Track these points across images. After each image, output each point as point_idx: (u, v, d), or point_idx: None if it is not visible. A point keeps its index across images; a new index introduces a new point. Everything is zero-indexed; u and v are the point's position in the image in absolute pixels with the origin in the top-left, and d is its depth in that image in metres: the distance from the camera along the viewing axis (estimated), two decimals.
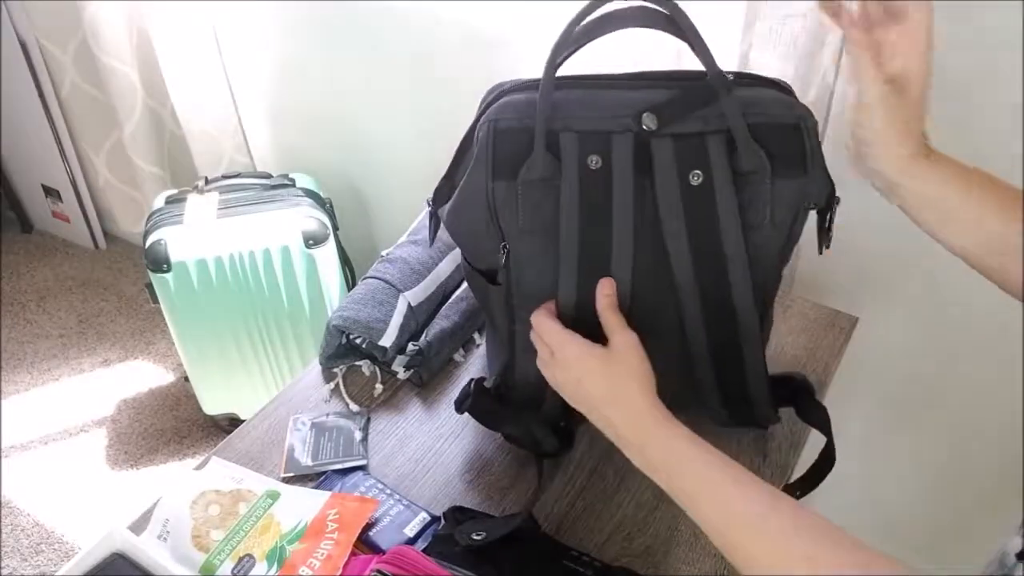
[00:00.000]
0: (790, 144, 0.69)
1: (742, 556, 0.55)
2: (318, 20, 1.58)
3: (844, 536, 0.52)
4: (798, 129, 0.69)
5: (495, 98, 0.72)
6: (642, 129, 0.68)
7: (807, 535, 0.53)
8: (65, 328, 2.16)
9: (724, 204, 0.69)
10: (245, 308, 1.58)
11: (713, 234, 0.70)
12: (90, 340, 2.13)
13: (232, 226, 1.53)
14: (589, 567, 0.74)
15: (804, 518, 0.54)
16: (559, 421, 0.82)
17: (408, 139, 1.60)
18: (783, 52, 1.07)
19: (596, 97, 0.70)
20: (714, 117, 0.69)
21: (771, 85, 0.73)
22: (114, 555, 0.72)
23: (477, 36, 1.37)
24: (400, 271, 1.00)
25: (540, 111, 0.68)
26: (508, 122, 0.69)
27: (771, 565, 0.53)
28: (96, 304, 2.24)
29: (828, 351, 0.98)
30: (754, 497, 0.56)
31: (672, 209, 0.70)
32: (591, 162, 0.69)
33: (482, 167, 0.69)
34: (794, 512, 0.54)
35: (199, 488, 0.81)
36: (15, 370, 2.05)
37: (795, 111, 0.70)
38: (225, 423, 1.81)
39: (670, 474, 0.61)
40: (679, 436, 0.62)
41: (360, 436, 0.89)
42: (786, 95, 0.72)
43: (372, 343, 0.94)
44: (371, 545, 0.77)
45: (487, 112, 0.70)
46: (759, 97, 0.70)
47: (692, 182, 0.69)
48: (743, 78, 0.72)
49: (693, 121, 0.69)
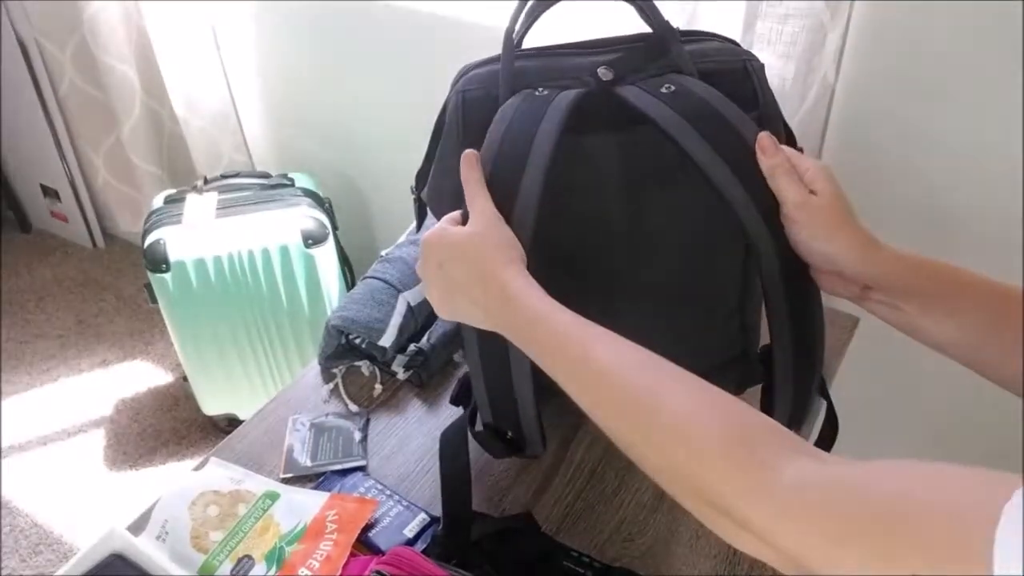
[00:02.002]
0: (740, 85, 0.73)
1: (611, 419, 0.53)
2: (317, 19, 1.58)
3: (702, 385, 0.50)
4: (746, 71, 0.73)
5: (462, 75, 0.75)
6: (600, 81, 0.70)
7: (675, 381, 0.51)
8: (64, 328, 2.16)
9: (707, 91, 0.68)
10: (244, 308, 1.58)
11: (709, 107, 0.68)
12: (89, 340, 2.13)
13: (231, 226, 1.53)
14: (589, 568, 0.74)
15: (671, 369, 0.51)
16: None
17: (408, 139, 1.59)
18: (783, 52, 1.07)
19: (555, 63, 0.74)
20: (666, 67, 0.71)
21: (714, 38, 0.77)
22: (113, 556, 0.72)
23: (478, 36, 1.37)
24: (399, 271, 1.00)
25: (503, 78, 0.71)
26: (475, 92, 0.72)
27: (626, 416, 0.51)
28: (95, 304, 2.24)
29: (828, 351, 0.97)
30: (621, 352, 0.53)
31: (652, 106, 0.67)
32: (538, 91, 0.69)
33: (454, 135, 0.72)
34: (660, 363, 0.52)
35: (198, 489, 0.81)
36: (14, 370, 2.04)
37: (740, 56, 0.74)
38: (224, 423, 1.81)
39: (540, 346, 0.57)
40: (548, 305, 0.57)
41: (359, 437, 0.89)
42: (730, 44, 0.76)
43: (371, 343, 0.94)
44: (370, 546, 0.76)
45: (456, 85, 0.73)
46: (705, 48, 0.74)
47: (665, 91, 0.68)
48: (688, 35, 0.76)
49: (648, 72, 0.71)
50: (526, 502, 0.82)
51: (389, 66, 1.54)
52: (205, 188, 1.61)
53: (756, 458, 0.45)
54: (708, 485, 0.46)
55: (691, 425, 0.48)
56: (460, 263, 0.62)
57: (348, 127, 1.72)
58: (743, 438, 0.46)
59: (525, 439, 0.76)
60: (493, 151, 0.66)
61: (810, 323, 0.70)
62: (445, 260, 0.63)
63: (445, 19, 1.40)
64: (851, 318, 1.02)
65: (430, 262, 0.64)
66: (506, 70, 0.71)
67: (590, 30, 0.80)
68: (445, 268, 0.63)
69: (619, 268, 0.75)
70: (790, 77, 1.08)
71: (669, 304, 0.77)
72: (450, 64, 0.77)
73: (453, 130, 0.72)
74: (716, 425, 0.47)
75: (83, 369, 2.05)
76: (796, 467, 0.43)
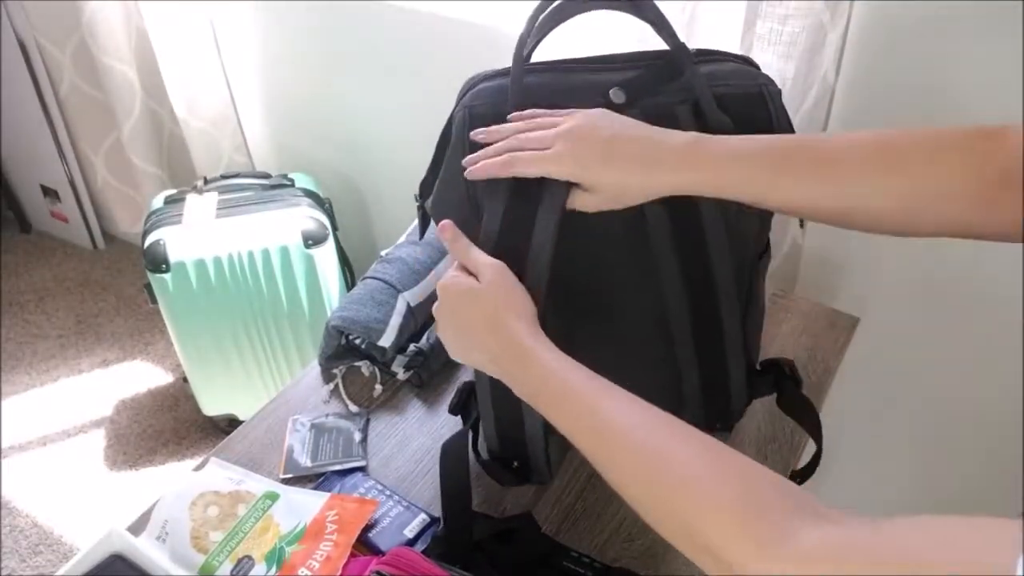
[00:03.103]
0: (755, 110, 0.71)
1: (616, 473, 0.54)
2: (318, 20, 1.58)
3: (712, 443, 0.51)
4: (761, 96, 0.72)
5: (469, 87, 0.74)
6: (611, 104, 0.70)
7: (675, 438, 0.51)
8: (64, 328, 2.16)
9: None
10: (244, 308, 1.58)
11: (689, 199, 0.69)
12: (89, 341, 2.13)
13: (231, 226, 1.53)
14: (589, 568, 0.74)
15: (680, 427, 0.52)
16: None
17: (408, 139, 1.59)
18: (783, 52, 1.07)
19: (565, 80, 0.73)
20: (680, 90, 0.71)
21: (733, 59, 0.75)
22: (113, 556, 0.72)
23: (478, 36, 1.37)
24: (399, 271, 1.00)
25: (512, 95, 0.70)
26: (483, 107, 0.71)
27: (634, 473, 0.52)
28: (95, 304, 2.24)
29: (828, 351, 0.98)
30: (632, 409, 0.54)
31: None
32: None
33: (460, 150, 0.71)
34: (670, 420, 0.53)
35: (198, 489, 0.81)
36: (14, 371, 2.04)
37: (757, 80, 0.72)
38: (224, 424, 1.81)
39: (548, 399, 0.59)
40: (560, 361, 0.59)
41: (359, 437, 0.89)
42: (748, 66, 0.74)
43: (371, 343, 0.94)
44: (370, 546, 0.76)
45: (463, 99, 0.73)
46: (721, 70, 0.73)
47: None
48: (705, 54, 0.74)
49: (661, 95, 0.71)
50: (526, 503, 0.82)
51: (390, 66, 1.54)
52: (205, 188, 1.61)
53: (768, 522, 0.44)
54: (719, 547, 0.46)
55: (702, 486, 0.48)
56: (473, 311, 0.63)
57: (348, 127, 1.72)
58: (755, 501, 0.46)
59: (532, 470, 0.76)
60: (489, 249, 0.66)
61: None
62: (458, 307, 0.65)
63: (446, 20, 1.40)
64: (851, 318, 1.02)
65: (444, 306, 0.66)
66: (516, 86, 0.70)
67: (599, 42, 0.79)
68: (459, 315, 0.65)
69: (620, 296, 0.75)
70: (790, 77, 1.08)
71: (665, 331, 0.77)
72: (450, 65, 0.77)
73: (459, 146, 0.72)
74: (728, 488, 0.47)
75: (83, 369, 2.05)
76: (808, 531, 0.43)
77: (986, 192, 0.56)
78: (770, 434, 0.88)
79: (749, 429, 0.88)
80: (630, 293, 0.74)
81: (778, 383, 0.81)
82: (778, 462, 0.85)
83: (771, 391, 0.82)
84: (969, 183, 0.57)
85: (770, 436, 0.87)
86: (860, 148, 0.61)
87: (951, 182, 0.57)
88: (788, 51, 1.07)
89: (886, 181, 0.59)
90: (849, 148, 0.61)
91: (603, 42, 1.06)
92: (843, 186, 0.61)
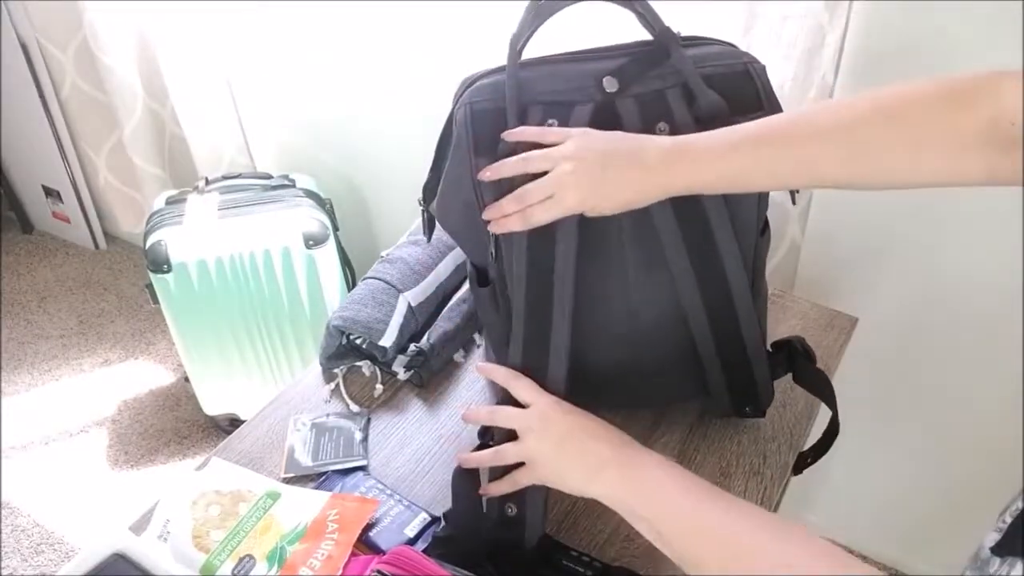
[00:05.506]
0: (743, 88, 0.73)
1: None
2: (318, 20, 1.58)
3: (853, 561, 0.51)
4: (748, 73, 0.74)
5: (467, 86, 0.75)
6: (605, 92, 0.72)
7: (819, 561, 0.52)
8: (65, 329, 2.17)
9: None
10: (245, 309, 1.58)
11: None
12: (90, 340, 2.13)
13: (232, 227, 1.53)
14: (589, 567, 0.74)
15: (815, 545, 0.53)
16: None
17: (408, 140, 1.60)
18: (783, 52, 1.07)
19: (559, 71, 0.74)
20: (669, 74, 0.73)
21: (715, 42, 0.77)
22: (114, 555, 0.72)
23: (478, 36, 1.37)
24: (400, 271, 1.00)
25: (509, 89, 0.71)
26: (483, 103, 0.73)
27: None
28: (96, 305, 2.24)
29: (828, 351, 0.98)
30: (733, 506, 0.58)
31: None
32: (549, 125, 0.71)
33: (464, 147, 0.72)
34: (805, 540, 0.54)
35: (199, 488, 0.81)
36: (15, 371, 2.05)
37: (742, 59, 0.75)
38: (225, 423, 1.81)
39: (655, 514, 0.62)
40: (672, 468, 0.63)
41: (360, 436, 0.89)
42: (730, 47, 0.77)
43: (372, 343, 0.94)
44: (371, 545, 0.77)
45: (462, 97, 0.74)
46: (706, 53, 0.75)
47: (659, 135, 0.71)
48: (689, 40, 0.76)
49: (651, 80, 0.73)
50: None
51: (390, 67, 1.54)
52: (206, 189, 1.62)
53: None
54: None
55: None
56: (589, 439, 0.67)
57: (349, 128, 1.72)
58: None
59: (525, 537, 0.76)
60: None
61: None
62: (566, 433, 0.68)
63: (446, 20, 1.40)
64: (851, 318, 1.03)
65: (551, 432, 0.68)
66: (512, 80, 0.72)
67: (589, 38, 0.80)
68: (567, 442, 0.67)
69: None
70: (789, 78, 1.08)
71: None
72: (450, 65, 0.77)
73: (463, 143, 0.72)
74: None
75: (85, 369, 2.06)
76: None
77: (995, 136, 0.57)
78: (770, 434, 0.88)
79: (749, 429, 0.89)
80: (646, 290, 0.76)
81: (791, 360, 0.83)
82: (778, 461, 0.85)
83: (786, 371, 0.84)
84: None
85: (770, 436, 0.88)
86: (859, 104, 0.62)
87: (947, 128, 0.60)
88: (787, 52, 1.07)
89: (887, 131, 0.61)
90: (851, 105, 0.63)
91: (593, 37, 1.07)
92: (851, 143, 0.61)
